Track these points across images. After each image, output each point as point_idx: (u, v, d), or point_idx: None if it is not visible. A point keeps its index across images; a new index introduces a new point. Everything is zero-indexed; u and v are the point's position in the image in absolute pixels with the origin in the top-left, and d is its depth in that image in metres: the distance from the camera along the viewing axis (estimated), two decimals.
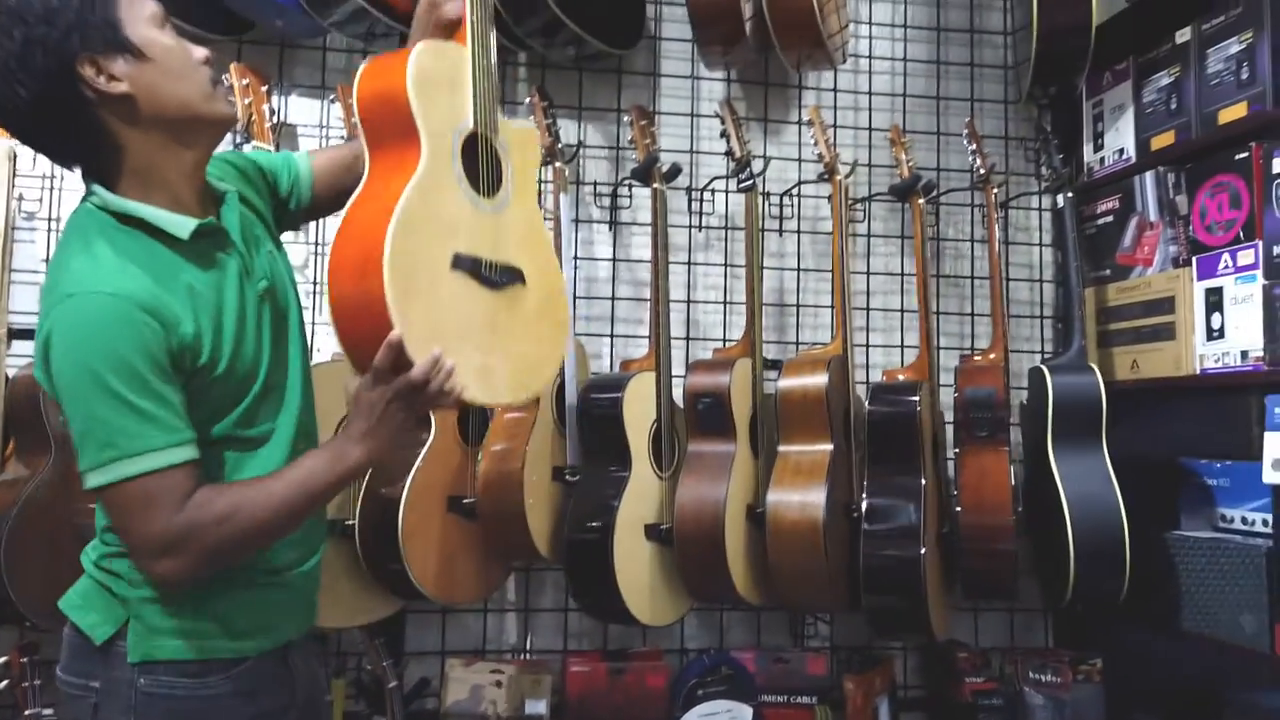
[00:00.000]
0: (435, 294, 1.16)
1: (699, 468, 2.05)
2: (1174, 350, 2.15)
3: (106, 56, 1.03)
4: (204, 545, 1.04)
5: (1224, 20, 2.05)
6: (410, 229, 1.13)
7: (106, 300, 1.01)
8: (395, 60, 1.20)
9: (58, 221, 2.19)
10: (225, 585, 1.12)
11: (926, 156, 2.57)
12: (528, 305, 1.30)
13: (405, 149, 1.18)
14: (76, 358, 1.01)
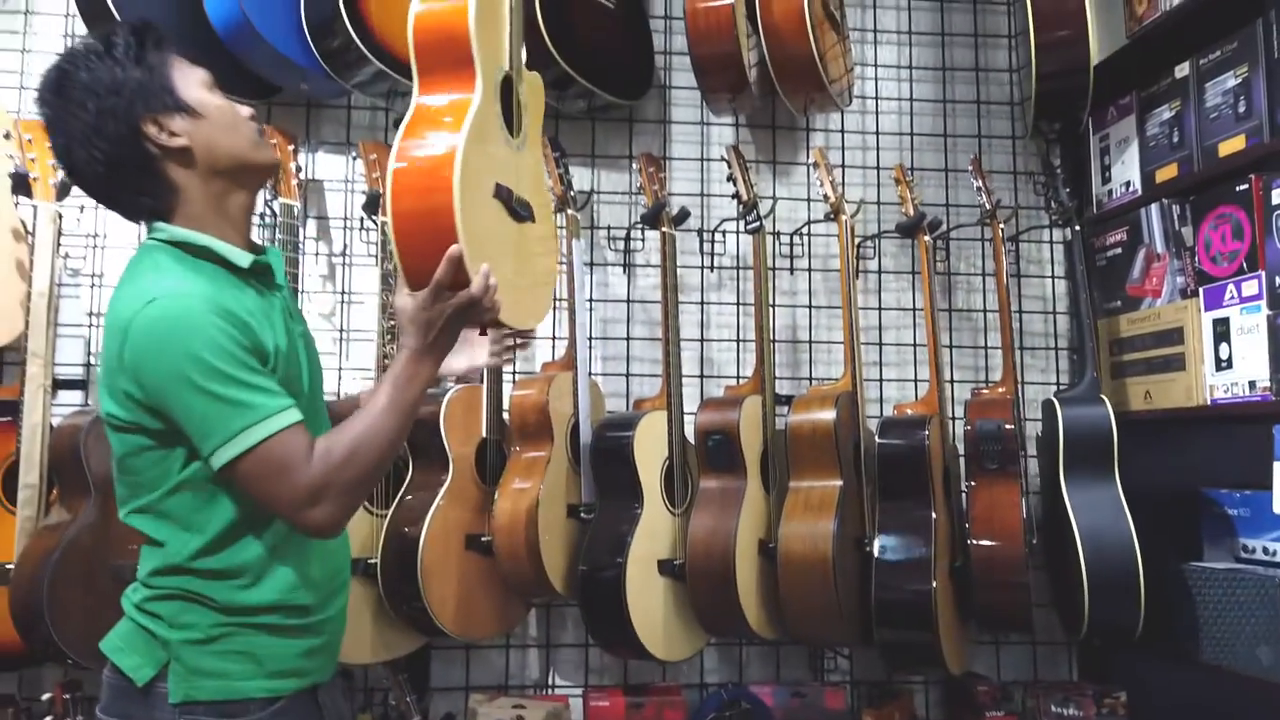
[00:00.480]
0: (483, 216, 1.24)
1: (710, 504, 2.09)
2: (1185, 381, 2.16)
3: (166, 115, 1.18)
4: (343, 486, 1.13)
5: (1219, 55, 2.08)
6: (472, 152, 1.22)
7: (188, 298, 1.12)
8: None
9: (101, 278, 2.32)
10: (261, 629, 1.19)
11: (936, 193, 2.62)
12: (534, 242, 1.39)
13: (459, 79, 1.27)
14: (176, 350, 1.09)
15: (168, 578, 1.19)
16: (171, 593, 1.18)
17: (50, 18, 2.38)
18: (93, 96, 1.15)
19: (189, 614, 1.18)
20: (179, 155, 1.19)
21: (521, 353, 2.23)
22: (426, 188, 1.19)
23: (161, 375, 1.10)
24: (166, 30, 1.23)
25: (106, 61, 1.16)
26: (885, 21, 2.68)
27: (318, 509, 1.12)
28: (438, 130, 1.24)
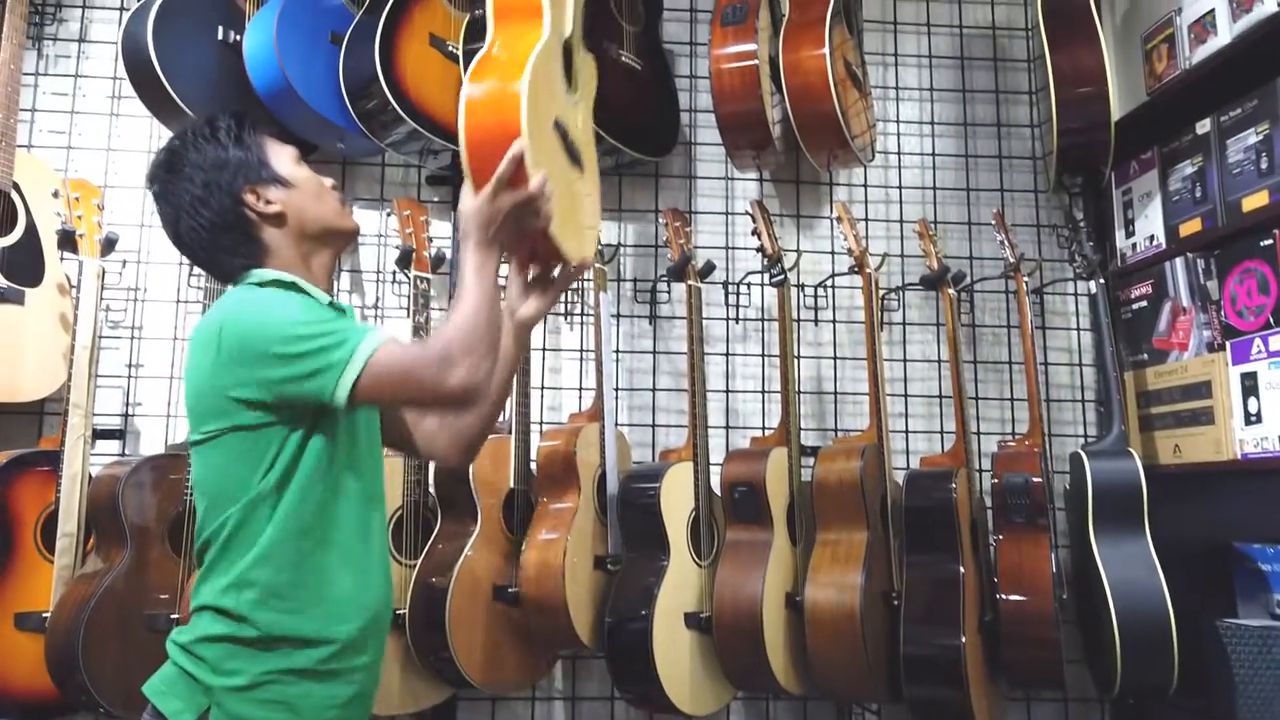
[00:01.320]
0: (545, 138, 1.32)
1: (736, 556, 2.10)
2: (1214, 434, 2.15)
3: (263, 186, 1.33)
4: (463, 347, 1.20)
5: (1240, 112, 2.10)
6: (541, 71, 1.30)
7: (271, 291, 1.30)
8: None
9: (140, 330, 2.38)
10: (300, 679, 1.23)
11: (959, 246, 2.64)
12: (583, 191, 1.48)
13: (528, 27, 1.36)
14: (273, 319, 1.23)
15: (217, 619, 1.23)
16: (218, 636, 1.22)
17: (98, 80, 2.48)
18: (199, 171, 1.31)
19: (234, 660, 1.21)
20: (274, 220, 1.33)
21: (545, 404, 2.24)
22: (496, 101, 1.26)
23: (267, 340, 1.21)
24: (249, 109, 1.41)
25: (212, 143, 1.32)
26: (906, 79, 2.73)
27: (453, 374, 1.19)
28: (512, 49, 1.34)
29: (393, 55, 2.15)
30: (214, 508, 1.26)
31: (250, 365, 1.21)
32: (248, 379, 1.22)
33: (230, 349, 1.22)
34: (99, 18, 2.51)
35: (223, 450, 1.25)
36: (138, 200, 2.43)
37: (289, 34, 2.11)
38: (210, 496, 1.27)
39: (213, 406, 1.25)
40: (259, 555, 1.23)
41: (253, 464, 1.24)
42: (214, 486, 1.27)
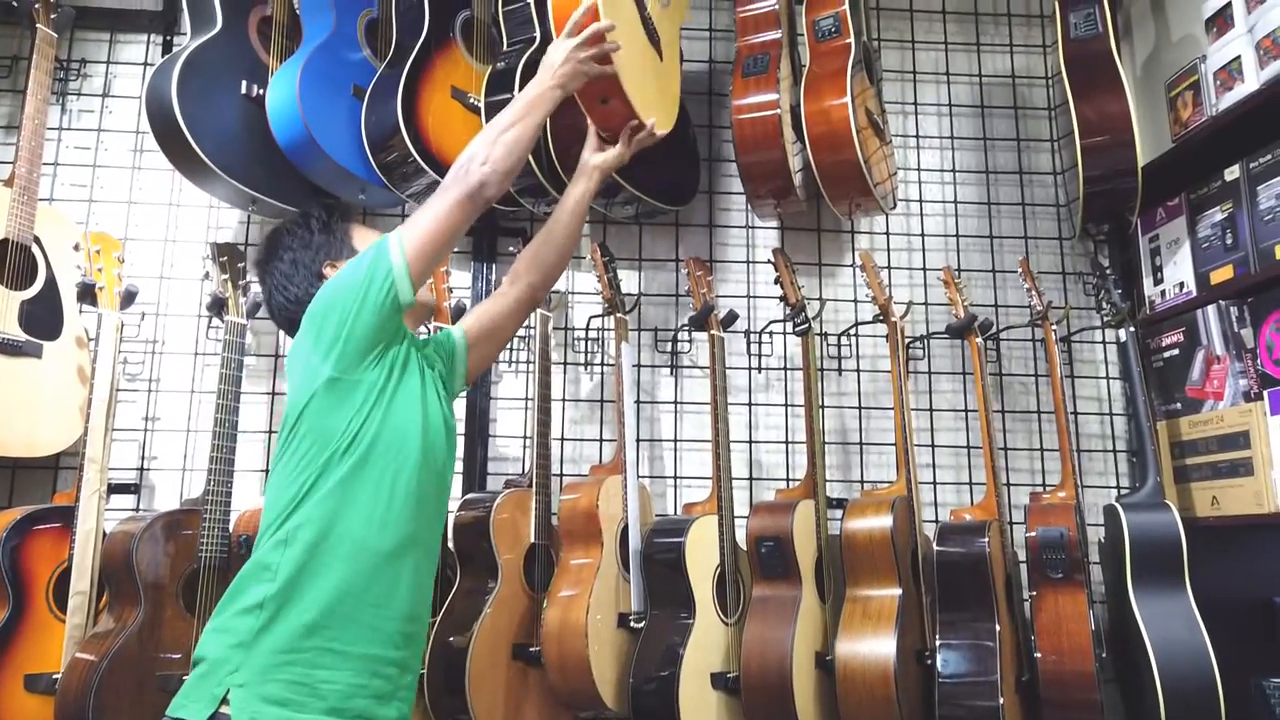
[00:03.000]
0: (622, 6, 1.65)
1: (764, 613, 2.03)
2: (1254, 486, 2.09)
3: (343, 261, 1.49)
4: (488, 143, 1.43)
5: (1271, 159, 2.07)
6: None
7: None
8: None
9: (158, 382, 2.36)
10: (325, 652, 1.26)
11: (984, 294, 2.61)
12: (660, 70, 1.76)
13: None
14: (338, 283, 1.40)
15: (260, 585, 1.27)
16: (252, 607, 1.26)
17: (120, 135, 2.49)
18: (289, 251, 1.51)
19: (264, 640, 1.25)
20: None
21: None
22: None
23: (330, 284, 1.41)
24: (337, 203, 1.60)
25: (303, 229, 1.53)
26: (927, 127, 2.72)
27: (476, 172, 1.40)
28: None
29: (415, 107, 2.15)
30: (300, 467, 1.35)
31: (323, 301, 1.40)
32: (322, 320, 1.38)
33: (316, 309, 1.40)
34: (123, 73, 2.53)
35: (316, 407, 1.37)
36: (157, 253, 2.43)
37: (312, 87, 2.12)
38: (290, 466, 1.36)
39: (309, 363, 1.38)
40: (307, 512, 1.33)
41: (336, 419, 1.36)
42: (296, 454, 1.36)
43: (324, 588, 1.27)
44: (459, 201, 1.39)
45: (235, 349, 2.09)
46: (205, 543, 1.97)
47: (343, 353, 1.34)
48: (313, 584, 1.27)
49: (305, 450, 1.33)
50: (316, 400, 1.34)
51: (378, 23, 2.33)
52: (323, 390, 1.34)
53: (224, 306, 2.12)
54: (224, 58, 2.16)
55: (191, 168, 2.11)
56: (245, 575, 1.30)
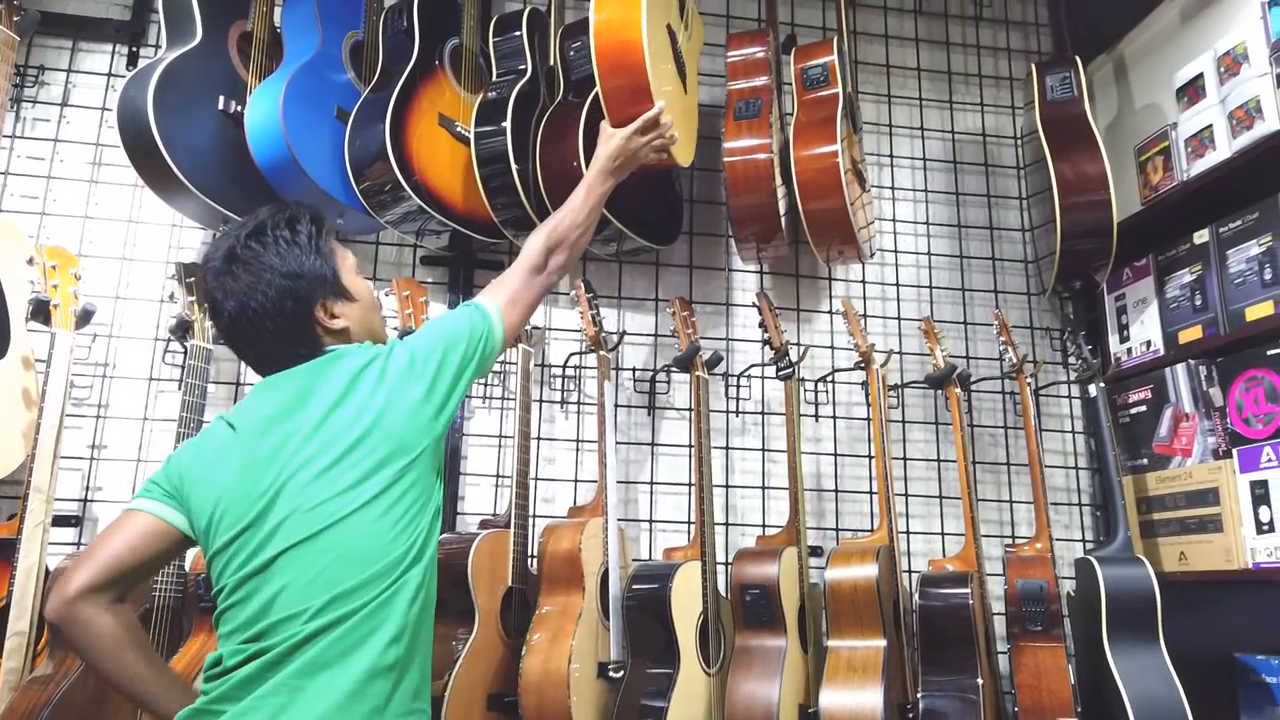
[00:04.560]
0: (660, 45, 1.90)
1: (749, 664, 1.98)
2: (1223, 542, 2.13)
3: (333, 301, 1.37)
4: (559, 238, 1.58)
5: (1241, 224, 2.15)
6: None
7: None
8: None
9: (106, 408, 2.21)
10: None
11: (955, 345, 2.64)
12: (685, 109, 1.99)
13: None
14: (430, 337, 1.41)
15: (393, 646, 1.22)
16: (384, 670, 1.21)
17: (79, 146, 2.36)
18: (277, 276, 1.32)
19: (393, 704, 1.22)
20: (337, 333, 1.38)
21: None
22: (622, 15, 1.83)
23: (437, 338, 1.40)
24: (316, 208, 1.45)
25: (293, 247, 1.35)
26: (901, 180, 2.77)
27: (553, 259, 1.57)
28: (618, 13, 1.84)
29: (402, 133, 2.09)
30: (383, 575, 1.27)
31: (433, 350, 1.39)
32: (431, 372, 1.37)
33: (422, 357, 1.38)
34: (84, 82, 2.41)
35: (403, 486, 1.31)
36: (114, 271, 2.30)
37: (296, 107, 2.04)
38: (371, 577, 1.28)
39: (401, 430, 1.33)
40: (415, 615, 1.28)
41: (427, 493, 1.34)
42: (382, 553, 1.29)
43: (425, 652, 1.29)
44: (539, 294, 1.57)
45: (200, 375, 1.98)
46: (160, 582, 1.84)
47: (450, 415, 1.36)
48: (421, 647, 1.28)
49: (410, 504, 1.28)
50: (427, 455, 1.32)
51: (363, 46, 2.27)
52: (434, 447, 1.33)
53: (189, 330, 2.01)
54: (203, 71, 2.08)
55: (163, 183, 2.01)
56: (359, 631, 1.21)
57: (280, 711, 1.15)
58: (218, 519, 1.26)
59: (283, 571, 1.21)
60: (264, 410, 1.32)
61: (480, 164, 2.13)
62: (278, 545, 1.22)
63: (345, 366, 1.34)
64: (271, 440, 1.27)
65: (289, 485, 1.25)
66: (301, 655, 1.18)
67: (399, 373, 1.33)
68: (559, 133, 2.16)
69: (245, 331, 1.34)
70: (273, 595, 1.20)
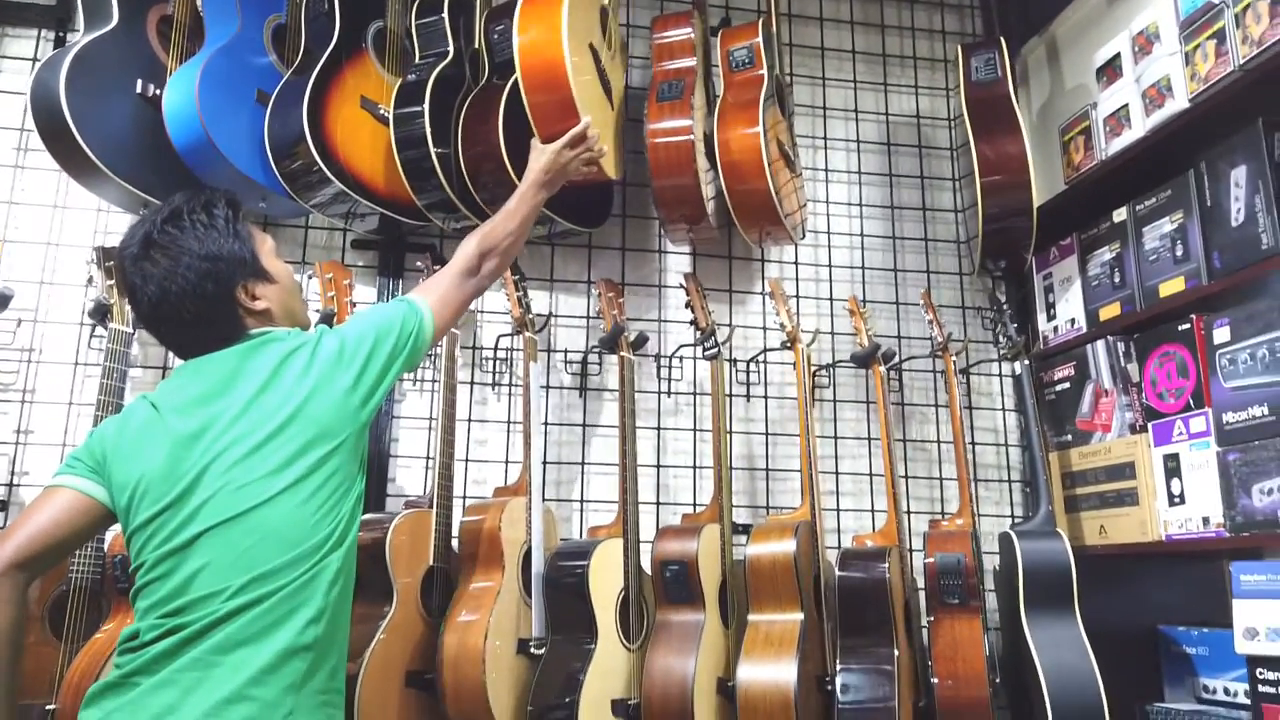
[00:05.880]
0: (583, 59, 2.08)
1: (667, 638, 2.01)
2: (1139, 515, 2.17)
3: (253, 283, 1.40)
4: (491, 244, 1.65)
5: (1155, 202, 2.18)
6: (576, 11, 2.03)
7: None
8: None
9: (33, 393, 2.21)
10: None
11: (887, 325, 2.67)
12: (610, 125, 2.19)
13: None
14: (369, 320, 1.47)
15: (310, 627, 1.25)
16: (302, 649, 1.25)
17: (4, 132, 2.36)
18: (197, 260, 1.35)
19: (310, 682, 1.25)
20: (258, 314, 1.40)
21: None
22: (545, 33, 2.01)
23: (368, 328, 1.44)
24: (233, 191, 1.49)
25: (210, 230, 1.37)
26: (835, 162, 2.78)
27: (485, 264, 1.64)
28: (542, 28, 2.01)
29: (322, 116, 2.09)
30: (307, 555, 1.30)
31: (360, 346, 1.42)
32: (357, 366, 1.40)
33: (351, 349, 1.41)
34: (9, 67, 2.40)
35: (326, 470, 1.34)
36: (39, 256, 2.30)
37: (212, 90, 2.04)
38: (296, 557, 1.31)
39: (321, 415, 1.36)
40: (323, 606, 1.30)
41: (349, 478, 1.38)
42: (303, 538, 1.31)
43: (344, 634, 1.34)
44: (470, 296, 1.64)
45: (119, 358, 1.98)
46: (77, 562, 1.85)
47: (376, 404, 1.40)
48: (340, 629, 1.32)
49: (333, 491, 1.32)
50: (350, 443, 1.35)
51: (285, 29, 2.27)
52: (357, 435, 1.37)
53: (108, 313, 2.01)
54: (119, 55, 2.07)
55: (78, 167, 2.01)
56: (277, 611, 1.24)
57: (196, 685, 1.18)
58: (139, 496, 1.28)
59: (204, 550, 1.24)
60: (189, 392, 1.34)
61: (400, 147, 2.14)
62: (200, 524, 1.24)
63: (272, 351, 1.36)
64: (196, 421, 1.30)
65: (213, 466, 1.27)
66: (219, 632, 1.20)
67: (328, 360, 1.36)
68: (481, 115, 2.17)
69: (166, 316, 1.36)
70: (193, 573, 1.23)
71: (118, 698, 1.20)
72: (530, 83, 2.01)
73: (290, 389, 1.32)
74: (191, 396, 1.33)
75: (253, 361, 1.35)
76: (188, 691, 1.18)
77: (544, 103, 2.01)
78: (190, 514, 1.25)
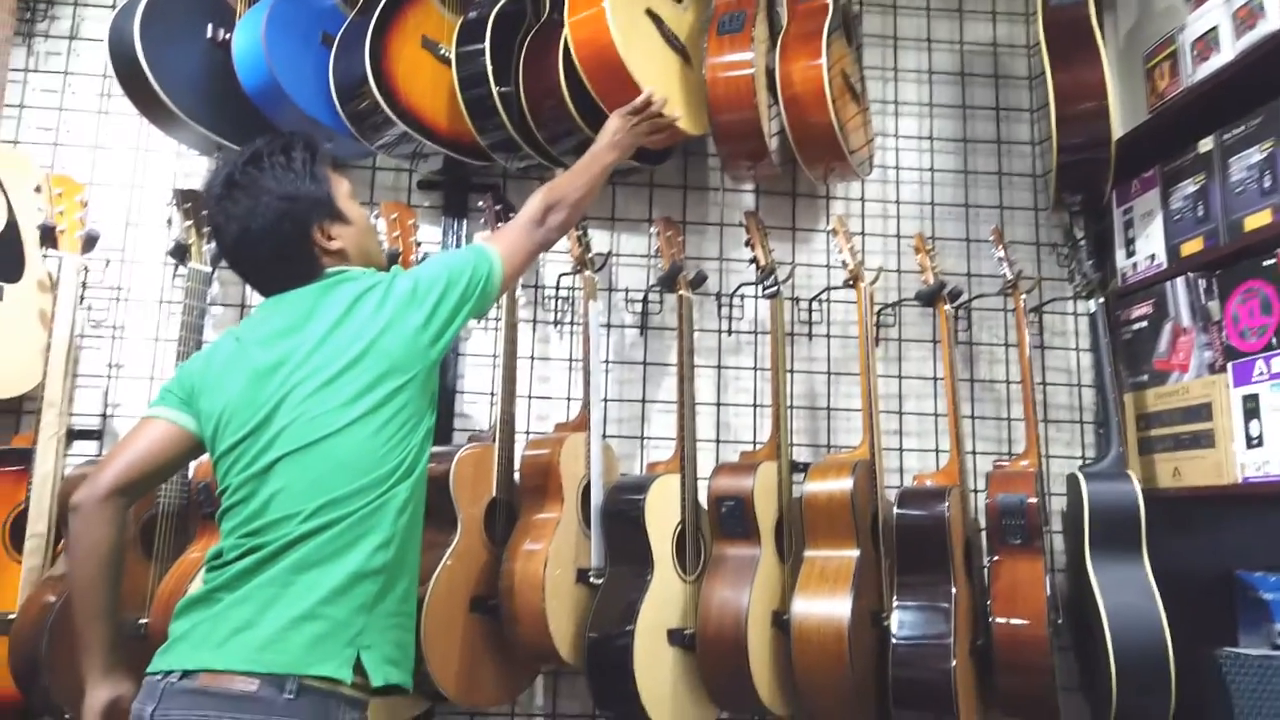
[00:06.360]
0: (639, 36, 2.07)
1: (722, 572, 2.04)
2: (1215, 458, 2.10)
3: (329, 223, 1.45)
4: (556, 196, 1.65)
5: (1244, 130, 2.06)
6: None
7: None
8: None
9: (122, 329, 2.33)
10: (406, 620, 1.37)
11: (957, 263, 2.60)
12: (686, 81, 2.18)
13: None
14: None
15: (380, 552, 1.31)
16: (372, 572, 1.30)
17: (88, 78, 2.45)
18: (275, 199, 1.40)
19: (381, 604, 1.31)
20: (333, 254, 1.45)
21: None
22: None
23: (440, 270, 1.48)
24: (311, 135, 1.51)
25: (289, 173, 1.42)
26: (906, 94, 2.70)
27: (552, 216, 1.65)
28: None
29: (383, 56, 2.12)
30: (382, 480, 1.36)
31: (432, 283, 1.47)
32: (426, 300, 1.44)
33: (422, 288, 1.45)
34: (90, 15, 2.49)
35: (400, 400, 1.39)
36: (124, 198, 2.40)
37: (278, 33, 2.09)
38: (371, 480, 1.36)
39: (397, 348, 1.41)
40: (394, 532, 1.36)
41: (421, 410, 1.44)
42: (379, 462, 1.37)
43: (414, 560, 1.39)
44: (538, 247, 1.66)
45: (198, 296, 2.08)
46: (165, 489, 1.97)
47: (445, 344, 1.44)
48: (410, 554, 1.38)
49: (403, 423, 1.37)
50: (419, 379, 1.40)
51: None
52: (428, 372, 1.42)
53: (187, 253, 2.10)
54: (189, 1, 2.13)
55: (155, 112, 2.09)
56: (347, 536, 1.30)
57: (273, 601, 1.26)
58: (224, 424, 1.36)
59: (280, 475, 1.31)
60: (269, 327, 1.41)
61: (462, 86, 2.15)
62: (277, 450, 1.32)
63: (348, 289, 1.41)
64: (275, 354, 1.37)
65: (290, 396, 1.34)
66: (294, 553, 1.28)
67: (401, 299, 1.41)
68: (542, 52, 2.17)
69: (246, 254, 1.44)
70: (270, 496, 1.30)
71: (204, 610, 1.29)
72: (586, 66, 2.04)
73: (363, 325, 1.38)
74: (272, 330, 1.40)
75: (328, 298, 1.41)
76: (265, 607, 1.25)
77: (604, 82, 2.02)
78: (269, 441, 1.32)
